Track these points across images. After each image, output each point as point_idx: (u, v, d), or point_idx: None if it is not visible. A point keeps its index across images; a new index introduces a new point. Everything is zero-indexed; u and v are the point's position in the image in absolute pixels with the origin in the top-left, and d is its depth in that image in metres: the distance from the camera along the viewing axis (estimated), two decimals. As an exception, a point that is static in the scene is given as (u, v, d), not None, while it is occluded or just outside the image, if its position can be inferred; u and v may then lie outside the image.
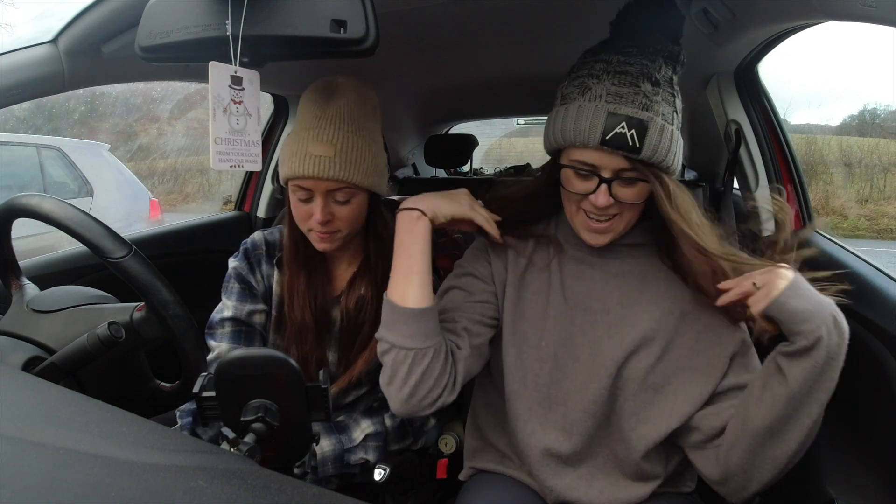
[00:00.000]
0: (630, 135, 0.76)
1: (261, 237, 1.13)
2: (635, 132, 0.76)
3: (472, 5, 1.15)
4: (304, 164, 0.95)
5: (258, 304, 1.10)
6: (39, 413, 0.44)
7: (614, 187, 0.80)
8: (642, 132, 0.77)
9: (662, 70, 0.80)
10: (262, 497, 0.36)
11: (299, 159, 0.95)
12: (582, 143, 0.78)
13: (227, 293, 1.09)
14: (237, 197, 1.94)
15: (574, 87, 0.82)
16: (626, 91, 0.78)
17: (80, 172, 4.37)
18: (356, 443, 1.08)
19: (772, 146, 1.33)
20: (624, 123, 0.76)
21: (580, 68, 0.83)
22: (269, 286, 1.11)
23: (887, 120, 8.86)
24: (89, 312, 0.87)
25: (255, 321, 1.10)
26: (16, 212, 0.83)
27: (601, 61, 0.81)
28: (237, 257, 1.11)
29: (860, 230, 7.52)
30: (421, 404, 0.83)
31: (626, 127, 0.76)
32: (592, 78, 0.80)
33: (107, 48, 0.95)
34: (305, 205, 0.99)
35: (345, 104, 0.99)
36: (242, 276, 1.10)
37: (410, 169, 2.66)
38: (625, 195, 0.81)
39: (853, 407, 0.91)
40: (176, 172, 8.76)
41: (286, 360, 0.65)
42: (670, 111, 0.80)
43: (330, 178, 0.96)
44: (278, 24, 0.65)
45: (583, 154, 0.80)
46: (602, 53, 0.82)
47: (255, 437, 0.63)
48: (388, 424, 1.11)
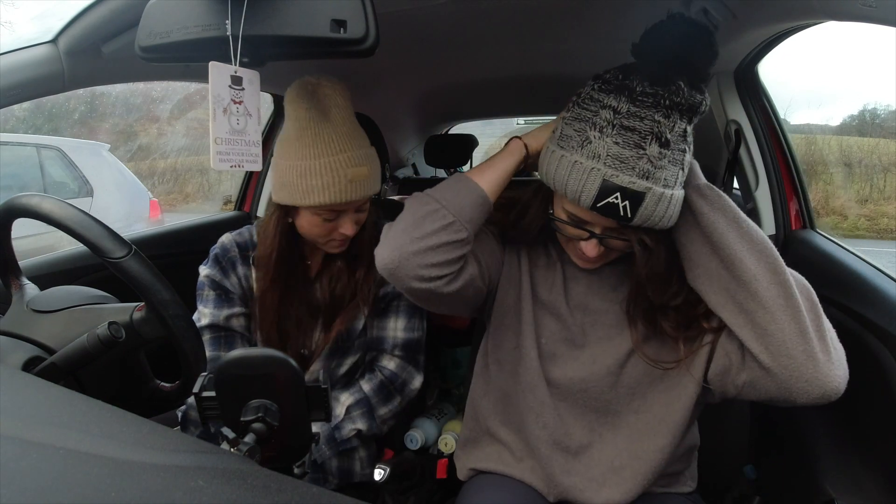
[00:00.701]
0: (623, 206, 0.73)
1: (230, 240, 1.13)
2: (629, 203, 0.73)
3: (472, 5, 1.15)
4: (348, 191, 0.96)
5: (235, 308, 1.11)
6: (39, 413, 0.44)
7: (605, 239, 0.80)
8: (637, 203, 0.73)
9: (676, 126, 0.74)
10: (262, 497, 0.36)
11: (340, 187, 0.96)
12: (573, 202, 0.77)
13: (201, 301, 1.10)
14: (237, 197, 1.94)
15: (574, 132, 0.78)
16: (629, 155, 0.73)
17: (80, 172, 4.37)
18: (340, 417, 1.09)
19: (772, 146, 1.33)
20: (618, 194, 0.73)
21: (587, 104, 0.78)
22: (248, 286, 1.12)
23: (887, 120, 8.85)
24: (89, 312, 0.87)
25: (233, 325, 1.11)
26: (16, 212, 0.83)
27: (609, 108, 0.75)
28: (207, 264, 1.12)
29: (860, 230, 7.51)
30: (416, 262, 0.78)
31: (619, 198, 0.73)
32: (595, 129, 0.75)
33: (107, 48, 0.95)
34: (329, 223, 1.00)
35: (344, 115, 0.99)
36: (216, 282, 1.10)
37: (410, 169, 2.66)
38: (616, 245, 0.82)
39: (853, 407, 0.91)
40: (176, 172, 8.75)
41: (286, 360, 0.65)
42: (675, 172, 0.75)
43: (367, 197, 1.00)
44: (278, 24, 0.65)
45: (574, 208, 0.80)
46: (612, 97, 0.75)
47: (255, 437, 0.63)
48: (367, 389, 1.13)
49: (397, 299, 1.15)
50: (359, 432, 1.10)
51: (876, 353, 0.89)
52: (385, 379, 1.14)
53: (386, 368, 1.16)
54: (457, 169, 2.86)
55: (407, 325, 1.15)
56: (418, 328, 1.17)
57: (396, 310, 1.16)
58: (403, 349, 1.16)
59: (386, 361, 1.17)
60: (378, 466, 1.13)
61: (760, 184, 1.32)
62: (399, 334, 1.15)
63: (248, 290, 1.13)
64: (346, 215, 1.01)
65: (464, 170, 2.88)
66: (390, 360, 1.17)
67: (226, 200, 7.07)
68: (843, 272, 1.03)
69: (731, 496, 1.17)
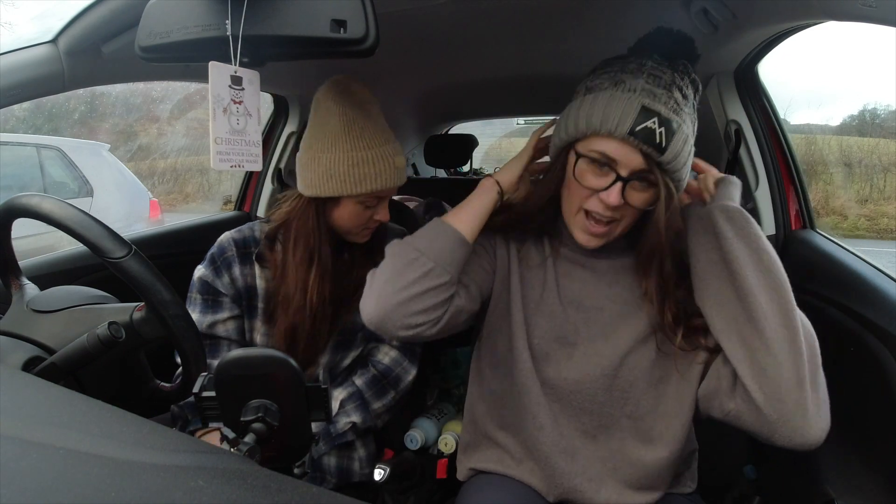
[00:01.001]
0: (660, 132, 0.75)
1: (227, 239, 1.12)
2: (664, 131, 0.76)
3: (472, 5, 1.15)
4: (395, 177, 1.05)
5: (221, 314, 1.10)
6: (39, 413, 0.44)
7: (627, 189, 0.79)
8: (670, 132, 0.76)
9: (688, 89, 0.81)
10: (262, 497, 0.36)
11: (390, 174, 1.04)
12: (608, 132, 0.77)
13: (189, 303, 1.10)
14: (237, 197, 1.94)
15: (604, 79, 0.81)
16: (661, 92, 0.78)
17: (80, 172, 4.37)
18: (335, 411, 1.09)
19: (772, 146, 1.33)
20: (656, 119, 0.75)
21: (610, 65, 0.83)
22: (246, 285, 1.11)
23: (887, 120, 8.85)
24: (89, 312, 0.87)
25: (218, 332, 1.10)
26: (16, 212, 0.83)
27: (634, 62, 0.81)
28: (203, 264, 1.11)
29: (860, 230, 7.51)
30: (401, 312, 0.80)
31: (657, 123, 0.75)
32: (626, 73, 0.80)
33: (107, 48, 0.95)
34: (369, 210, 1.07)
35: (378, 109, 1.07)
36: (206, 283, 1.10)
37: (410, 169, 2.66)
38: (635, 199, 0.81)
39: (853, 407, 0.91)
40: (176, 172, 8.75)
41: (286, 360, 0.65)
42: (691, 127, 0.80)
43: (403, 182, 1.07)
44: (278, 24, 0.65)
45: (605, 144, 0.79)
46: (632, 57, 0.82)
47: (255, 437, 0.63)
48: (360, 383, 1.14)
49: None
50: (354, 425, 1.10)
51: (876, 353, 0.89)
52: (378, 374, 1.14)
53: (381, 363, 1.16)
54: (457, 169, 2.86)
55: None
56: None
57: None
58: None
59: (381, 355, 1.17)
60: (378, 466, 1.13)
61: (760, 184, 1.32)
62: None
63: (245, 290, 1.11)
64: (383, 202, 1.09)
65: (464, 170, 2.90)
66: (386, 354, 1.17)
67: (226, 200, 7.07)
68: (843, 272, 1.03)
69: (731, 496, 1.17)
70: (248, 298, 1.12)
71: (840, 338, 0.96)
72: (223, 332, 1.10)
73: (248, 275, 1.11)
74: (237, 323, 1.12)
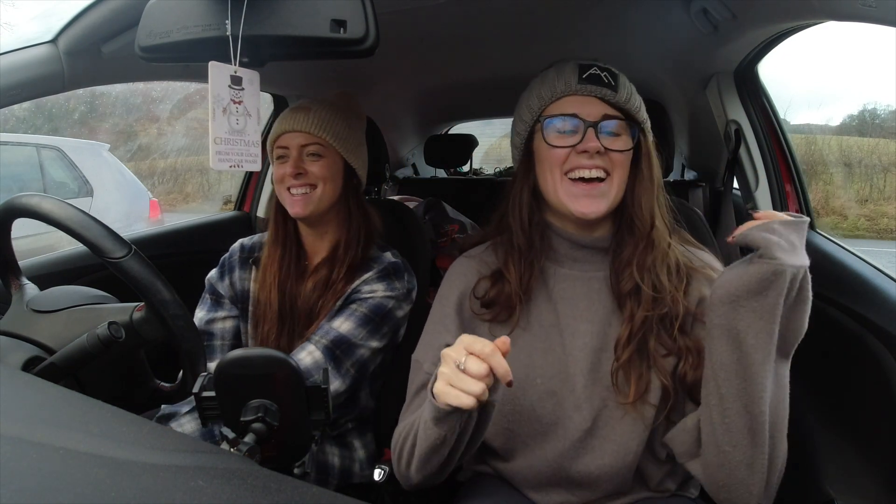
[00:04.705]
0: (604, 75, 0.83)
1: (238, 244, 1.21)
2: (608, 73, 0.83)
3: (472, 5, 1.15)
4: (283, 122, 1.08)
5: (219, 312, 1.16)
6: (39, 413, 0.44)
7: (601, 137, 0.82)
8: (615, 75, 0.84)
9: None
10: (262, 497, 0.36)
11: (280, 120, 1.09)
12: (561, 92, 0.83)
13: (199, 303, 1.18)
14: (237, 197, 1.94)
15: (523, 104, 0.91)
16: (591, 62, 0.86)
17: (80, 172, 4.36)
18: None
19: (772, 146, 1.33)
20: (596, 67, 0.83)
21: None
22: (242, 288, 1.17)
23: (887, 120, 8.84)
24: (89, 312, 0.87)
25: (214, 329, 1.16)
26: (16, 212, 0.83)
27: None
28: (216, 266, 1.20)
29: (860, 230, 7.51)
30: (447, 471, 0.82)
31: (598, 69, 0.83)
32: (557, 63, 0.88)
33: (107, 48, 0.95)
34: (283, 164, 1.08)
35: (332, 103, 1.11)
36: (212, 284, 1.18)
37: (410, 169, 2.66)
38: (611, 143, 0.82)
39: (853, 407, 0.91)
40: (176, 172, 8.75)
41: (286, 360, 0.65)
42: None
43: (302, 131, 1.07)
44: (278, 24, 0.65)
45: (562, 105, 0.84)
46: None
47: (255, 437, 0.63)
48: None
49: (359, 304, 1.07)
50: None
51: (876, 353, 0.89)
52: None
53: (302, 362, 1.01)
54: (457, 169, 2.85)
55: (353, 329, 1.04)
56: (363, 341, 1.05)
57: (352, 313, 1.06)
58: (332, 343, 1.03)
59: (304, 354, 1.02)
60: (378, 466, 1.13)
61: (760, 184, 1.32)
62: (338, 330, 1.05)
63: (241, 294, 1.16)
64: (291, 153, 1.10)
65: (464, 170, 2.89)
66: (309, 354, 1.02)
67: (226, 200, 7.06)
68: (843, 272, 1.03)
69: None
70: (243, 302, 1.17)
71: (840, 338, 0.96)
72: (219, 329, 1.15)
73: (245, 279, 1.17)
74: (234, 323, 1.17)
